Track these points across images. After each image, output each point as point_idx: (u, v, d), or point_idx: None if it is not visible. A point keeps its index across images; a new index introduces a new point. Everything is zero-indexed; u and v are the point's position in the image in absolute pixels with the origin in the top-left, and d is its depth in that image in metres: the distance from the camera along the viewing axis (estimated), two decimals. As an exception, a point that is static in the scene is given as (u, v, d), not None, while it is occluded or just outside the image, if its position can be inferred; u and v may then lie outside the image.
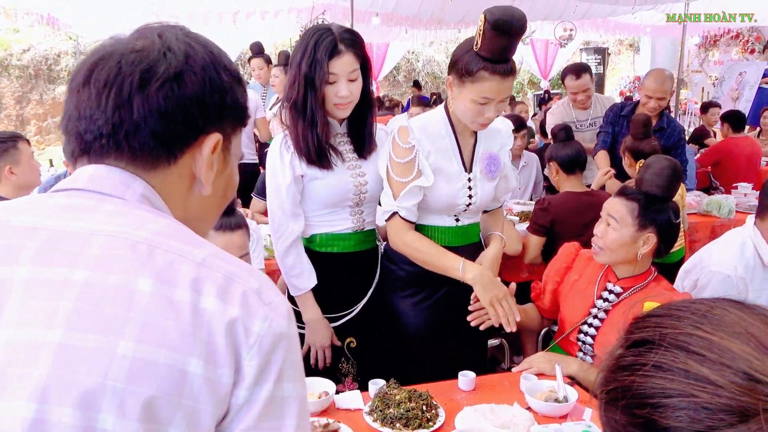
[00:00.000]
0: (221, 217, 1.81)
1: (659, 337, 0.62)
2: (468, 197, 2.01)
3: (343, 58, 1.84)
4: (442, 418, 1.58)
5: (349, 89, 1.87)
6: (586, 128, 4.61)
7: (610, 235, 2.01)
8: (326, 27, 1.89)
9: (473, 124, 1.94)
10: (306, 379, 1.78)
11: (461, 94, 1.88)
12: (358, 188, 2.01)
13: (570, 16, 7.68)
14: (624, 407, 0.61)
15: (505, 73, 1.81)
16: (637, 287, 2.03)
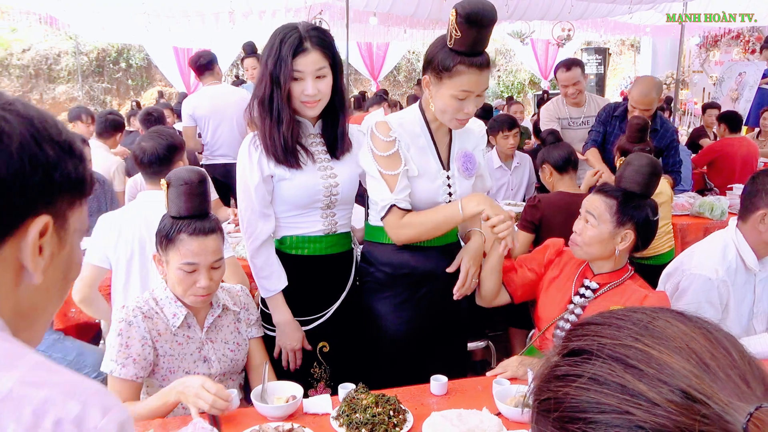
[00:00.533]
0: (195, 221, 1.80)
1: (597, 348, 0.59)
2: (448, 195, 2.01)
3: (308, 55, 1.82)
4: (410, 423, 1.56)
5: (316, 87, 1.85)
6: (578, 126, 4.59)
7: (588, 232, 2.01)
8: (293, 25, 1.86)
9: (452, 122, 1.93)
10: (275, 382, 1.77)
11: (439, 92, 1.88)
12: (328, 189, 1.99)
13: (567, 16, 7.65)
14: (556, 420, 0.59)
15: (481, 66, 1.83)
16: (613, 284, 2.03)
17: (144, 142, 2.51)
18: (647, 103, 3.79)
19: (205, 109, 4.54)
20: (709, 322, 0.61)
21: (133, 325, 1.76)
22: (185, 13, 8.54)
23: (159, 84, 13.99)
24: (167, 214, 1.87)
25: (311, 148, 1.98)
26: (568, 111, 4.60)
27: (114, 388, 1.74)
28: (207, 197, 1.89)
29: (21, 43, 13.34)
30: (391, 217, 1.95)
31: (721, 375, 0.54)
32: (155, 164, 2.47)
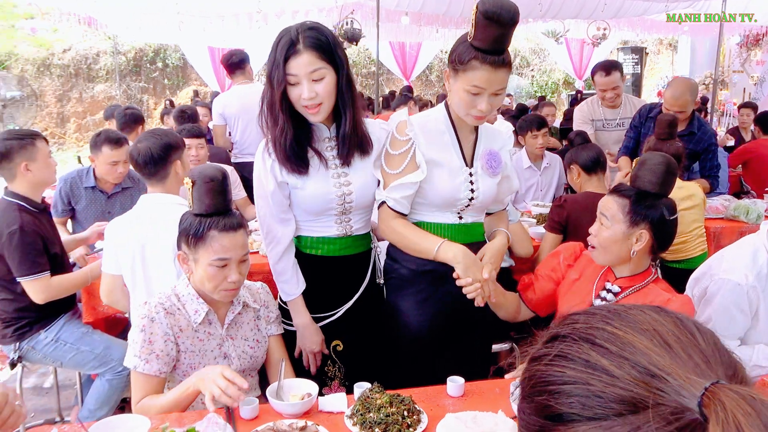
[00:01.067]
0: (223, 218, 1.83)
1: (570, 331, 0.63)
2: (470, 191, 1.99)
3: (301, 58, 1.77)
4: (424, 424, 1.55)
5: (313, 90, 1.79)
6: (613, 128, 4.50)
7: (603, 233, 1.97)
8: (289, 27, 1.82)
9: (467, 117, 1.92)
10: (291, 380, 1.78)
11: (455, 85, 1.89)
12: (341, 198, 1.96)
13: (601, 14, 7.51)
14: (527, 395, 0.63)
15: (496, 64, 1.81)
16: (636, 287, 1.98)
17: (139, 143, 2.49)
18: (681, 105, 3.71)
19: (234, 107, 4.60)
20: (685, 315, 0.63)
21: (155, 321, 1.78)
22: (220, 14, 8.68)
23: (194, 83, 14.22)
24: (189, 213, 1.89)
25: (325, 153, 1.94)
26: (603, 112, 4.52)
27: (138, 383, 1.77)
28: (230, 194, 1.91)
29: (62, 43, 13.71)
30: (382, 212, 2.00)
31: (682, 354, 0.57)
32: (150, 164, 2.45)
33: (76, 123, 13.53)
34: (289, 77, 1.78)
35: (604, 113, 4.51)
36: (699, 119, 3.95)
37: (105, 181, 3.58)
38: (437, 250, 1.89)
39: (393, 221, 1.97)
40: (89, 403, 2.82)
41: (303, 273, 2.01)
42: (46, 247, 2.68)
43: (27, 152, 2.69)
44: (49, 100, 13.37)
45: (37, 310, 2.73)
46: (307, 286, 2.01)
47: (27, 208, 2.69)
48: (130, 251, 2.38)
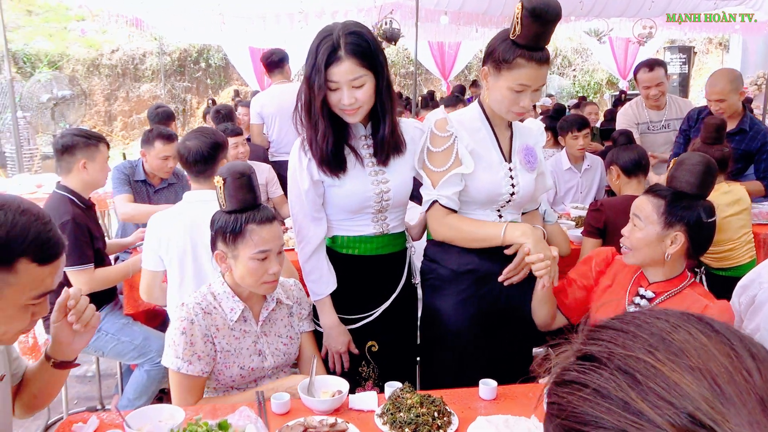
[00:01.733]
0: (258, 211, 1.84)
1: (607, 356, 0.56)
2: (511, 186, 1.99)
3: (342, 65, 1.75)
4: (455, 425, 1.54)
5: (353, 96, 1.79)
6: (658, 130, 4.37)
7: (636, 234, 1.90)
8: (330, 29, 1.79)
9: (509, 114, 1.93)
10: (322, 376, 1.78)
11: (497, 84, 1.89)
12: (379, 195, 1.96)
13: (647, 12, 7.32)
14: (558, 426, 0.57)
15: (540, 60, 1.83)
16: (671, 292, 1.91)
17: (188, 141, 2.57)
18: (719, 92, 3.63)
19: (272, 107, 4.65)
20: (737, 335, 0.56)
21: (195, 323, 1.80)
22: (261, 15, 8.80)
23: (235, 83, 14.47)
24: (221, 211, 1.89)
25: (361, 151, 1.94)
26: (648, 114, 4.39)
27: (181, 383, 1.80)
28: (258, 189, 1.93)
29: (110, 44, 14.13)
30: (433, 211, 1.97)
31: (735, 400, 0.50)
32: (200, 163, 2.53)
33: (123, 121, 13.93)
34: (329, 83, 1.77)
35: (649, 115, 4.38)
36: (751, 117, 3.81)
37: (153, 176, 3.68)
38: (504, 232, 1.88)
39: (446, 218, 1.96)
40: (128, 393, 2.90)
41: (339, 274, 2.00)
42: (92, 241, 2.76)
43: (89, 151, 2.81)
44: (98, 99, 13.80)
45: (83, 301, 2.81)
46: (344, 286, 2.00)
47: (77, 202, 2.79)
48: (177, 247, 2.43)
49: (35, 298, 1.17)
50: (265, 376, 1.96)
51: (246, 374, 1.89)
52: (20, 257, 1.11)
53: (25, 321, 1.20)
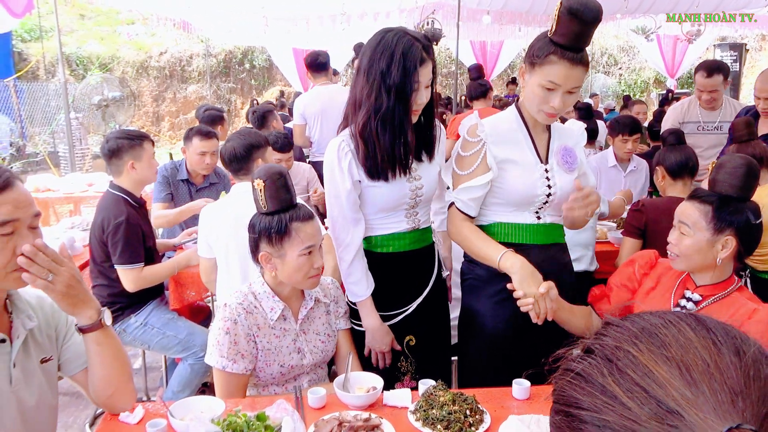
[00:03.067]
0: (298, 209, 1.90)
1: (598, 347, 0.61)
2: (547, 187, 1.97)
3: (427, 66, 1.86)
4: (487, 424, 1.55)
5: (426, 95, 1.89)
6: (710, 131, 4.28)
7: (685, 242, 1.88)
8: (407, 34, 1.86)
9: (539, 114, 1.91)
10: (358, 373, 1.82)
11: (530, 80, 1.88)
12: (414, 192, 2.01)
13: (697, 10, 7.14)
14: (553, 409, 0.63)
15: (574, 61, 1.80)
16: (718, 296, 1.88)
17: (228, 142, 2.80)
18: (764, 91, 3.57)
19: (315, 108, 4.72)
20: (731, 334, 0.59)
21: (238, 323, 1.86)
22: (305, 16, 8.93)
23: (279, 84, 14.70)
24: (259, 214, 1.93)
25: None
26: (700, 114, 4.31)
27: (226, 381, 1.85)
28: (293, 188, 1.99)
29: (159, 46, 14.55)
30: (451, 213, 2.03)
31: (706, 390, 0.53)
32: (234, 162, 2.74)
33: (170, 122, 14.32)
34: (415, 84, 1.85)
35: (701, 115, 4.30)
36: None
37: (196, 174, 3.81)
38: (500, 258, 1.86)
39: (461, 223, 1.99)
40: (173, 385, 3.00)
41: (375, 273, 2.03)
42: (144, 239, 2.88)
43: (135, 152, 2.93)
44: (146, 100, 14.23)
45: (129, 296, 2.93)
46: (380, 284, 2.03)
47: (130, 202, 2.91)
48: (223, 237, 2.58)
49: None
50: (303, 373, 2.01)
51: (286, 372, 1.94)
52: None
53: (4, 256, 1.30)
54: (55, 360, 1.53)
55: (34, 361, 1.46)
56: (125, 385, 1.56)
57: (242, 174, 2.76)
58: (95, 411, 3.30)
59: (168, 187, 3.76)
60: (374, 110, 1.85)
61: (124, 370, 1.57)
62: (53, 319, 1.54)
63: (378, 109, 1.85)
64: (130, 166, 2.91)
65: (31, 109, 10.85)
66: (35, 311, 1.48)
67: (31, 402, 1.44)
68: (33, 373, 1.46)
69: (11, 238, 1.31)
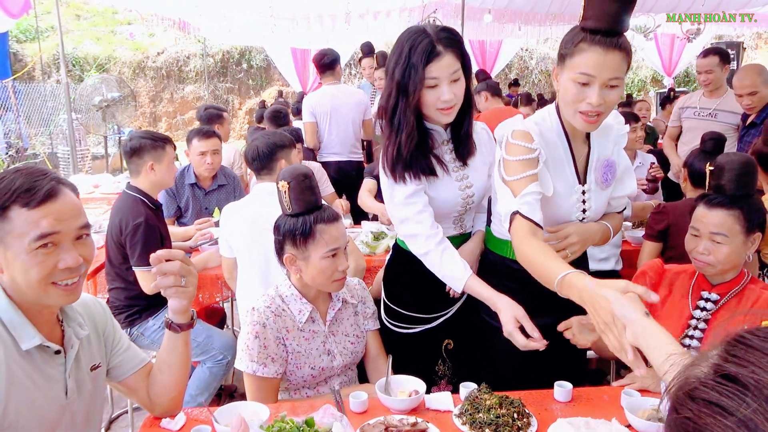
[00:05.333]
0: (323, 211, 1.87)
1: (754, 384, 0.54)
2: (582, 212, 1.83)
3: (443, 59, 1.72)
4: (534, 427, 1.54)
5: (452, 92, 1.75)
6: (704, 117, 4.40)
7: (722, 250, 1.92)
8: (420, 29, 1.76)
9: (575, 118, 1.67)
10: (398, 376, 1.80)
11: (562, 78, 1.67)
12: (465, 200, 1.94)
13: (699, 8, 7.15)
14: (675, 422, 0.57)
15: (608, 45, 1.56)
16: (733, 291, 1.96)
17: (253, 142, 2.80)
18: (749, 86, 3.73)
19: (325, 106, 4.69)
20: None
21: (267, 327, 1.84)
22: (305, 15, 8.88)
23: (277, 84, 14.64)
24: (284, 216, 1.93)
25: (444, 157, 1.91)
26: (699, 101, 4.46)
27: (257, 386, 1.83)
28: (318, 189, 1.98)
29: (156, 46, 14.47)
30: (516, 227, 1.66)
31: None
32: (257, 161, 2.75)
33: (167, 122, 14.24)
34: (428, 80, 1.73)
35: (700, 101, 4.45)
36: None
37: (203, 178, 3.77)
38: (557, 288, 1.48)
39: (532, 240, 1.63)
40: (191, 389, 2.97)
41: (416, 275, 1.96)
42: (162, 242, 2.85)
43: (156, 153, 2.90)
44: (143, 101, 14.13)
45: (146, 299, 2.89)
46: (424, 286, 1.98)
47: (147, 203, 2.88)
48: (242, 237, 2.57)
49: (38, 240, 1.23)
50: (334, 375, 1.99)
51: (317, 374, 1.92)
52: (10, 205, 1.22)
53: (44, 268, 1.25)
54: (104, 367, 1.51)
55: (84, 369, 1.44)
56: (184, 389, 1.58)
57: (264, 174, 2.75)
58: (110, 415, 3.27)
59: (174, 201, 3.73)
60: (381, 107, 1.84)
61: (188, 373, 1.60)
62: (101, 325, 1.52)
63: (383, 106, 1.83)
64: (149, 167, 2.88)
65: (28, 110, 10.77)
66: (84, 318, 1.46)
67: (82, 411, 1.42)
68: (84, 381, 1.43)
69: (54, 250, 1.26)
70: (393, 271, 2.12)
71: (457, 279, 1.79)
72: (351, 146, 4.84)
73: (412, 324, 2.05)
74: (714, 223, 1.92)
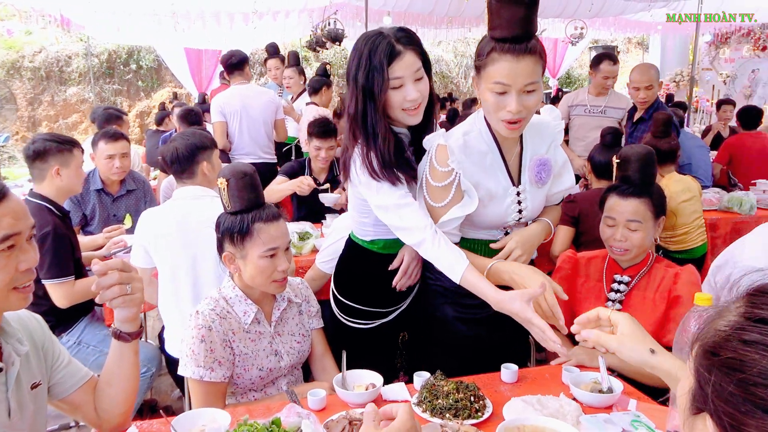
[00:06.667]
0: (263, 209, 1.85)
1: None
2: (518, 212, 1.87)
3: (404, 58, 1.71)
4: (490, 408, 1.60)
5: (417, 90, 1.74)
6: (596, 114, 4.79)
7: (637, 236, 2.11)
8: (376, 32, 1.75)
9: (499, 125, 1.69)
10: (352, 371, 1.81)
11: (480, 89, 1.70)
12: None
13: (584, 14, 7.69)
14: (740, 380, 0.62)
15: (517, 52, 1.57)
16: (643, 271, 2.15)
17: (170, 143, 2.62)
18: (648, 80, 4.09)
19: (235, 106, 4.60)
20: None
21: (213, 330, 1.79)
22: (201, 15, 8.59)
23: (169, 85, 14.03)
24: (225, 214, 1.90)
25: (411, 159, 1.87)
26: (588, 98, 4.83)
27: (204, 392, 1.77)
28: (261, 187, 1.93)
29: (33, 45, 13.39)
30: None
31: None
32: (176, 164, 2.56)
33: (48, 126, 13.21)
34: (393, 81, 1.71)
35: (589, 100, 4.82)
36: (660, 103, 4.30)
37: (111, 183, 3.57)
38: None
39: None
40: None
41: (374, 273, 1.97)
42: (72, 251, 2.67)
43: (63, 157, 2.71)
44: (20, 104, 13.03)
45: (58, 314, 2.70)
46: (378, 284, 1.99)
47: (54, 211, 2.68)
48: (167, 244, 2.42)
49: (3, 242, 1.18)
50: (281, 376, 1.97)
51: (264, 375, 1.90)
52: None
53: (7, 273, 1.20)
54: (44, 384, 1.40)
55: (25, 388, 1.33)
56: (134, 401, 1.49)
57: (186, 177, 2.58)
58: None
59: (78, 209, 3.50)
60: (349, 116, 1.80)
61: (138, 384, 1.52)
62: (39, 340, 1.41)
63: (351, 113, 1.79)
64: (55, 171, 2.69)
65: None
66: (22, 334, 1.35)
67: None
68: (25, 401, 1.32)
69: (12, 252, 1.19)
70: (345, 267, 2.11)
71: (452, 269, 1.73)
72: (263, 147, 4.77)
73: (368, 319, 2.06)
74: (629, 211, 2.10)
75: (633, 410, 1.58)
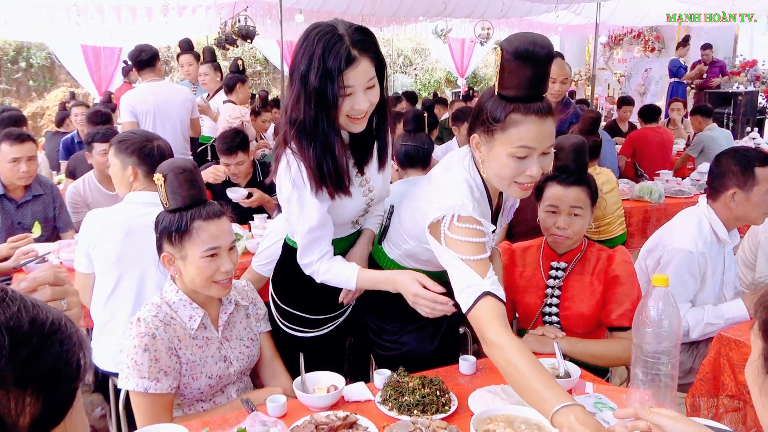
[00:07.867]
0: (204, 207, 1.75)
1: None
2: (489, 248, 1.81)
3: (359, 66, 1.55)
4: (455, 402, 1.59)
5: (367, 100, 1.60)
6: None
7: (579, 223, 2.16)
8: (330, 27, 1.56)
9: (512, 189, 1.57)
10: (315, 373, 1.74)
11: (492, 152, 1.55)
12: (367, 204, 1.86)
13: (493, 15, 7.93)
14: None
15: (542, 113, 1.48)
16: (577, 257, 2.21)
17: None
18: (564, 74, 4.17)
19: (147, 105, 4.35)
20: None
21: (157, 338, 1.67)
22: (100, 9, 8.09)
23: (64, 85, 13.12)
24: (164, 212, 1.79)
25: (348, 166, 1.75)
26: None
27: (150, 405, 1.65)
28: (203, 182, 1.83)
29: None
30: (486, 306, 1.47)
31: None
32: None
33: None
34: (345, 89, 1.56)
35: None
36: (568, 99, 4.48)
37: (14, 188, 3.27)
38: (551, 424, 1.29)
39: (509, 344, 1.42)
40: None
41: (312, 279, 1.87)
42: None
43: None
44: None
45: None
46: (318, 288, 1.86)
47: None
48: (111, 250, 2.25)
49: None
50: (230, 383, 1.87)
51: (214, 383, 1.79)
52: None
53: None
54: None
55: None
56: None
57: None
58: None
59: None
60: (295, 120, 1.63)
61: None
62: None
63: (298, 119, 1.62)
64: None
65: None
66: None
67: None
68: None
69: None
70: (284, 271, 2.00)
71: (348, 278, 1.76)
72: (179, 147, 4.54)
73: (310, 327, 1.98)
74: (572, 198, 2.15)
75: (591, 393, 1.62)
